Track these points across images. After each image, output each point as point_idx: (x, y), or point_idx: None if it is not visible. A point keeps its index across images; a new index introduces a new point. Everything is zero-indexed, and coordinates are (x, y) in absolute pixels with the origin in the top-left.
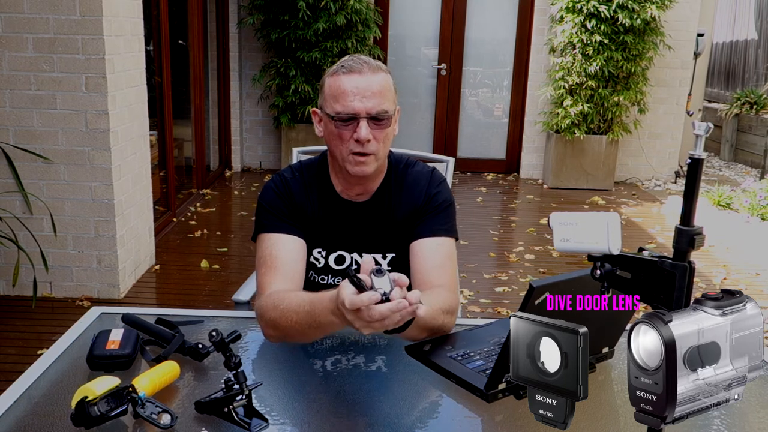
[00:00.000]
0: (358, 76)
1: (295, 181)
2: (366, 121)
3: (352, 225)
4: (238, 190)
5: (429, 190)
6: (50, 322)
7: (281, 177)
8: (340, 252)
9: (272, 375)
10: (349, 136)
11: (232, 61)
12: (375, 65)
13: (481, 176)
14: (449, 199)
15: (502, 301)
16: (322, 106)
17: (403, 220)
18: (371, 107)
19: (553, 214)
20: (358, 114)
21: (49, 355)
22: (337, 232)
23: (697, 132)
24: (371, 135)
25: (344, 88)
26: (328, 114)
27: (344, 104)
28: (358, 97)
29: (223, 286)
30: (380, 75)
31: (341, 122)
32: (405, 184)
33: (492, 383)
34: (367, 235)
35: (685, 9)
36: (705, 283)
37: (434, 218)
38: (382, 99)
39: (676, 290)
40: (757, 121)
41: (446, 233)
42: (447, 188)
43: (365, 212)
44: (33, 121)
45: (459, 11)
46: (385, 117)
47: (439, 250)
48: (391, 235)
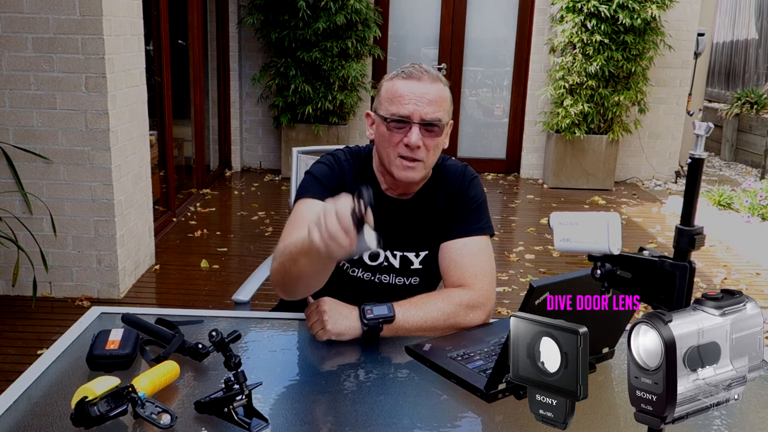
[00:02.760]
0: (417, 82)
1: (349, 164)
2: (418, 127)
3: (392, 222)
4: (237, 189)
5: (463, 183)
6: (50, 322)
7: (335, 157)
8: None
9: (272, 375)
10: (399, 140)
11: (232, 60)
12: (435, 75)
13: (481, 176)
14: (480, 196)
15: (503, 301)
16: (377, 109)
17: (439, 215)
18: (425, 113)
19: (553, 214)
20: (412, 118)
21: (48, 355)
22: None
23: (698, 132)
24: (421, 141)
25: (401, 92)
26: (382, 116)
27: (399, 107)
28: (414, 101)
29: (223, 286)
30: (438, 85)
31: (394, 124)
32: (440, 179)
33: (492, 383)
34: (405, 233)
35: (685, 9)
36: (705, 283)
37: (468, 217)
38: (437, 107)
39: (676, 290)
40: (757, 120)
41: (478, 232)
42: (479, 185)
43: (406, 210)
44: (33, 121)
45: (459, 11)
46: (438, 126)
47: (467, 249)
48: (427, 232)
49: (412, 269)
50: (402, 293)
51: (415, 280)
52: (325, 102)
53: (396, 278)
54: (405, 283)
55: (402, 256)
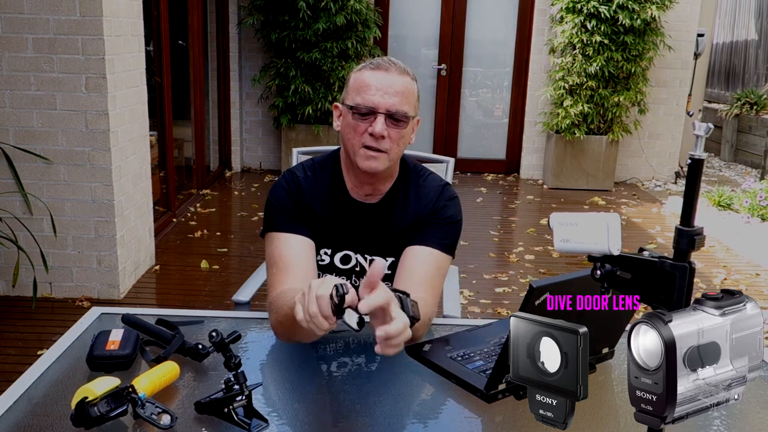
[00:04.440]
0: (384, 73)
1: (307, 181)
2: (383, 117)
3: (360, 225)
4: (238, 190)
5: (437, 204)
6: (50, 323)
7: (293, 175)
8: (347, 251)
9: (272, 375)
10: (364, 129)
11: (232, 61)
12: (403, 68)
13: (481, 177)
14: (456, 216)
15: (502, 302)
16: (344, 99)
17: (405, 228)
18: (391, 104)
19: (553, 214)
20: (377, 108)
21: (49, 355)
22: (344, 231)
23: (698, 132)
24: (386, 132)
25: (368, 82)
26: (348, 105)
27: (365, 97)
28: (380, 92)
29: (223, 287)
30: (406, 78)
31: (359, 114)
32: (415, 194)
33: (492, 383)
34: (372, 236)
35: (685, 9)
36: (705, 284)
37: (436, 230)
38: (403, 99)
39: (676, 291)
40: (757, 121)
41: (443, 248)
42: (457, 205)
43: (373, 214)
44: (33, 121)
45: (459, 11)
46: (403, 118)
47: (430, 260)
48: (393, 240)
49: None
50: None
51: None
52: (325, 102)
53: None
54: None
55: (371, 261)
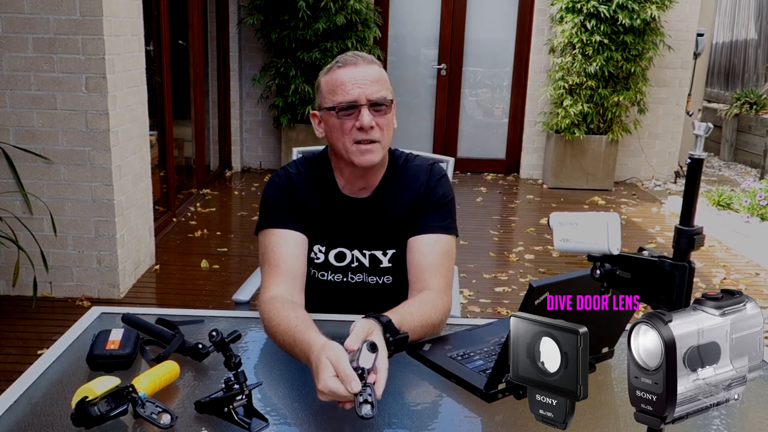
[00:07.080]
0: (354, 68)
1: (299, 177)
2: (367, 108)
3: (353, 221)
4: (238, 190)
5: (429, 184)
6: (50, 322)
7: (286, 171)
8: (341, 248)
9: (272, 375)
10: (351, 126)
11: (232, 61)
12: (369, 58)
13: (481, 176)
14: (448, 194)
15: (502, 301)
16: (321, 105)
17: (403, 216)
18: (371, 93)
19: (553, 214)
20: (359, 101)
21: (49, 355)
22: (338, 228)
23: (697, 132)
24: (374, 122)
25: (342, 80)
26: (328, 107)
27: (344, 95)
28: (356, 85)
29: (223, 286)
30: (375, 66)
31: (343, 112)
32: (404, 179)
33: (492, 383)
34: (368, 231)
35: (685, 9)
36: (705, 283)
37: (432, 214)
38: (380, 86)
39: (676, 290)
40: (756, 121)
41: (444, 230)
42: (447, 183)
43: (366, 208)
44: (33, 121)
45: (459, 11)
46: (385, 104)
47: (435, 248)
48: (392, 231)
49: (382, 268)
50: (376, 292)
51: (388, 279)
52: None
53: (368, 277)
54: (378, 282)
55: (371, 255)
